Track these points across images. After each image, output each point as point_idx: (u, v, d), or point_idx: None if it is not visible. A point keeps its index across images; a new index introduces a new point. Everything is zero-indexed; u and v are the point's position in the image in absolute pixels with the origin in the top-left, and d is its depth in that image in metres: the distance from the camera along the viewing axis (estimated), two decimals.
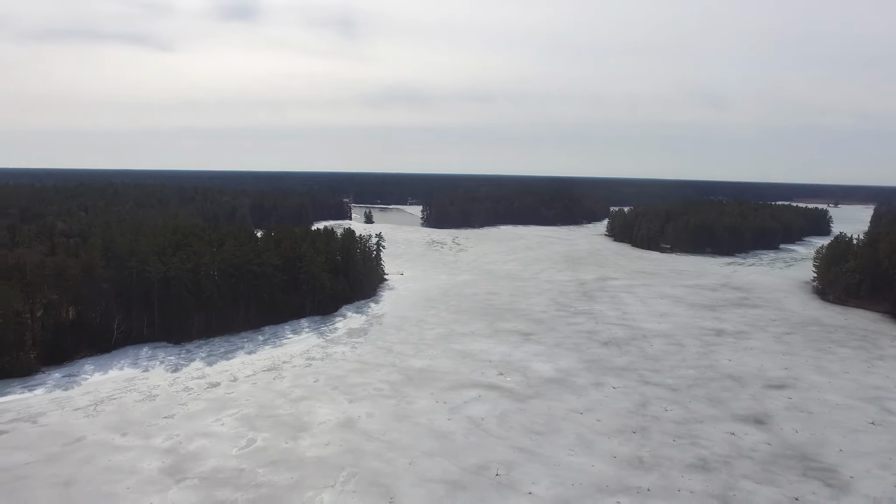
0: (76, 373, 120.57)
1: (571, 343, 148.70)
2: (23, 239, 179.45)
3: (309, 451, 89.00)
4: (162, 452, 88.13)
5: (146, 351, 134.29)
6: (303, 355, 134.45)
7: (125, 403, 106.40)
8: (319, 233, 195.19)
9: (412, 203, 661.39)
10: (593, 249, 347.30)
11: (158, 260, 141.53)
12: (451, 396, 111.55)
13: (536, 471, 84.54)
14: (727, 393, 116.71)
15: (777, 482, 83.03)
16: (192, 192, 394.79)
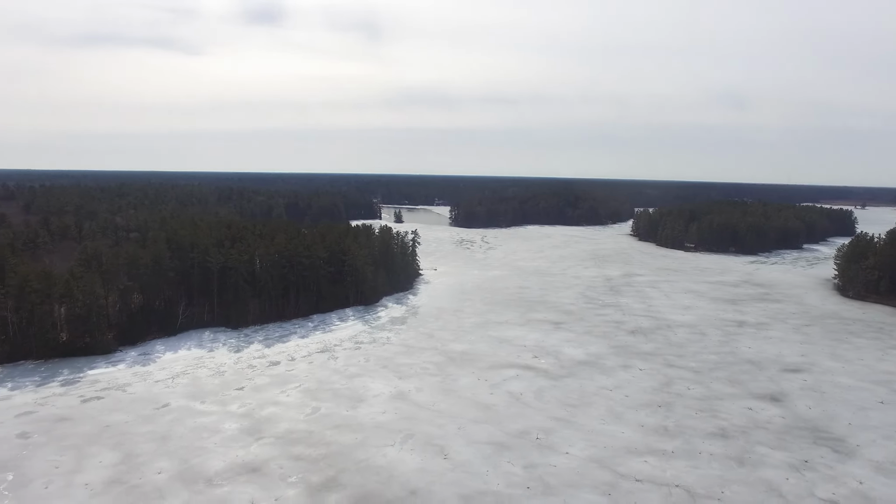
0: (149, 352, 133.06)
1: (600, 331, 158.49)
2: (88, 233, 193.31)
3: (368, 418, 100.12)
4: (239, 416, 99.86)
5: (208, 334, 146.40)
6: (351, 339, 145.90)
7: (198, 377, 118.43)
8: (359, 229, 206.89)
9: (439, 203, 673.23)
10: (618, 248, 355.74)
11: (217, 251, 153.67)
12: (491, 375, 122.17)
13: (572, 436, 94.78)
14: (746, 375, 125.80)
15: (789, 448, 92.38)
16: (229, 192, 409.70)
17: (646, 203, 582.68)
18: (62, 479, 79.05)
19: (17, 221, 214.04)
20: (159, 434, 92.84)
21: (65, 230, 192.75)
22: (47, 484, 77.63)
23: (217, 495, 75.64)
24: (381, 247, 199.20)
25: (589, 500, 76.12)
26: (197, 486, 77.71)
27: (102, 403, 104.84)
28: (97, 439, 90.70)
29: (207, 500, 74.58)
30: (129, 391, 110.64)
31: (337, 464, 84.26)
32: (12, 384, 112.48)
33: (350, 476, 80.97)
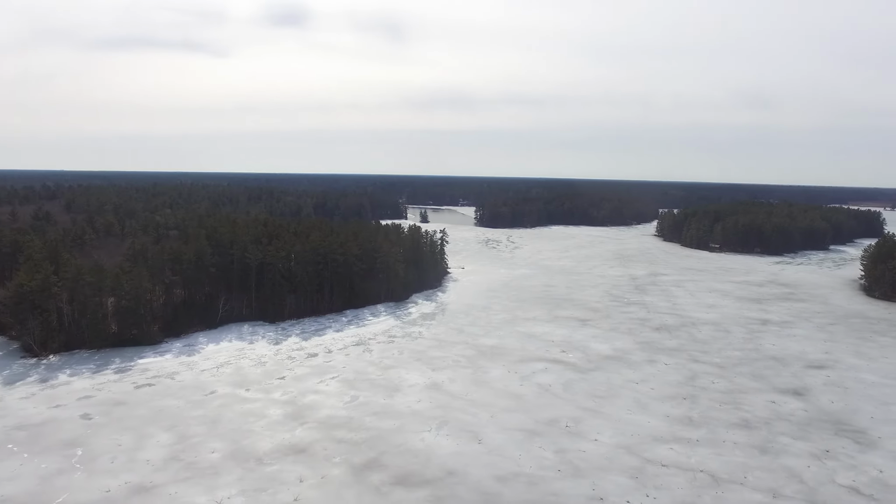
0: (193, 343, 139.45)
1: (626, 328, 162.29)
2: (130, 231, 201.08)
3: (404, 406, 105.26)
4: (282, 403, 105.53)
5: (247, 328, 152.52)
6: (385, 333, 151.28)
7: (241, 367, 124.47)
8: (389, 228, 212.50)
9: (463, 204, 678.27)
10: (643, 248, 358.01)
11: (256, 248, 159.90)
12: (521, 368, 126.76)
13: (600, 424, 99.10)
14: (770, 371, 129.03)
15: (811, 439, 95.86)
16: (259, 192, 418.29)
17: (670, 204, 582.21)
18: (125, 455, 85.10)
19: (63, 220, 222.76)
20: (209, 418, 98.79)
21: (108, 228, 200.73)
22: (112, 459, 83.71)
23: (268, 472, 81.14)
24: (410, 245, 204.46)
25: (617, 483, 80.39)
26: (248, 465, 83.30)
27: (154, 390, 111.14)
28: (153, 422, 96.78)
29: (259, 476, 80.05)
30: (178, 379, 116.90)
31: (377, 447, 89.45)
32: (70, 371, 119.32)
33: (390, 458, 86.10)
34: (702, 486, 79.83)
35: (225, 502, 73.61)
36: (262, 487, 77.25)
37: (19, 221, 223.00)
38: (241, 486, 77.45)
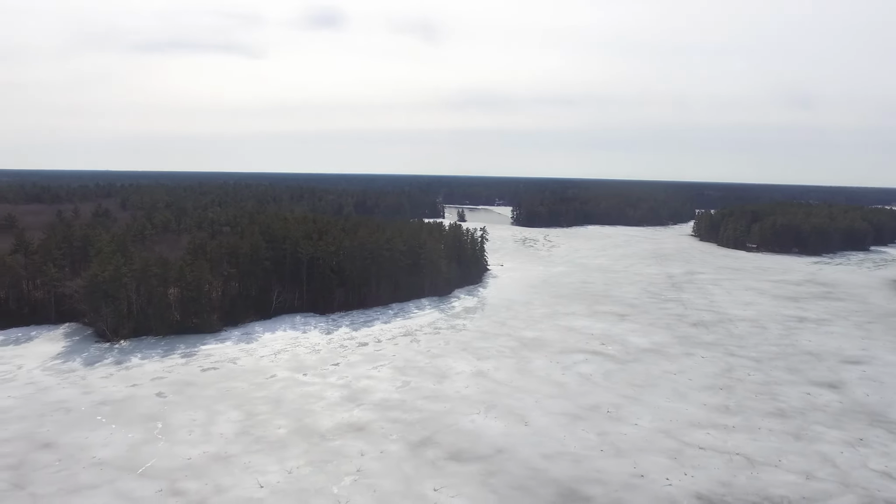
0: (250, 332, 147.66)
1: (663, 323, 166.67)
2: (185, 227, 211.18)
3: (453, 391, 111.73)
4: (339, 387, 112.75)
5: (299, 318, 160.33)
6: (430, 325, 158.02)
7: (297, 354, 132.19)
8: (432, 225, 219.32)
9: (499, 204, 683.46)
10: (680, 248, 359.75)
11: (307, 243, 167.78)
12: (562, 358, 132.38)
13: (640, 411, 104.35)
14: (805, 365, 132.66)
15: (845, 428, 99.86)
16: (301, 191, 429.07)
17: (706, 205, 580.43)
18: (200, 429, 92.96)
19: (122, 217, 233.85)
20: (272, 398, 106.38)
21: (166, 224, 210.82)
22: (189, 432, 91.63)
23: (331, 447, 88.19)
24: (452, 242, 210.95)
25: (657, 462, 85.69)
26: (313, 440, 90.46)
27: (219, 373, 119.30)
28: (221, 400, 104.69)
29: (324, 450, 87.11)
30: (239, 364, 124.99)
31: (430, 426, 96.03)
32: (141, 355, 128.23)
33: (443, 436, 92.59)
34: (737, 468, 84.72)
35: (294, 471, 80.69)
36: (326, 460, 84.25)
37: (81, 218, 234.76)
38: (307, 458, 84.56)
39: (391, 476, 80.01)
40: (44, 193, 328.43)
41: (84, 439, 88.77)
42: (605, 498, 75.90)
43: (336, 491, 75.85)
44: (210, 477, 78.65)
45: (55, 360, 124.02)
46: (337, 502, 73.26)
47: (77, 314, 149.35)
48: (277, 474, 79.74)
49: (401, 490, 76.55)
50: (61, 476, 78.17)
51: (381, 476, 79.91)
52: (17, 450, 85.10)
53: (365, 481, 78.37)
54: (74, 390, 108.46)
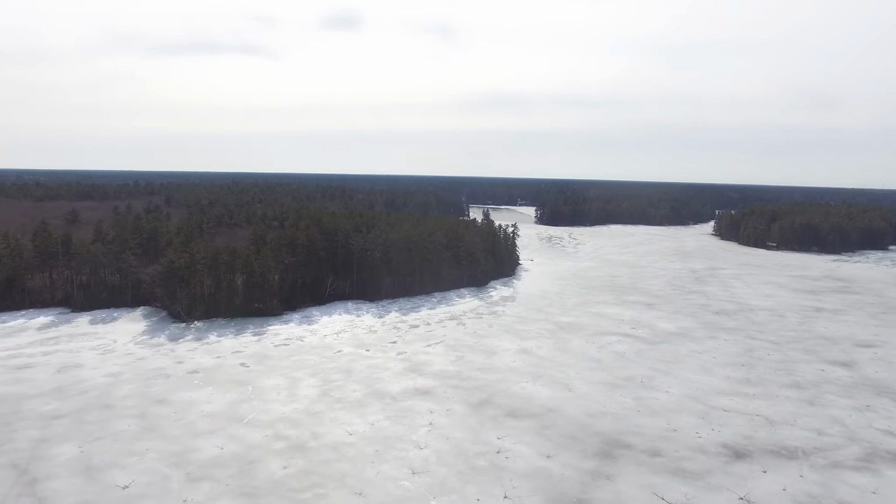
0: (309, 315, 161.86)
1: (688, 311, 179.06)
2: (236, 221, 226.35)
3: (502, 364, 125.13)
4: (400, 360, 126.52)
5: (351, 304, 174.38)
6: (473, 311, 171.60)
7: (356, 334, 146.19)
8: (469, 220, 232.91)
9: (522, 204, 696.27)
10: (701, 246, 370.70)
11: (357, 236, 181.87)
12: (597, 339, 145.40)
13: (670, 381, 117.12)
14: (820, 347, 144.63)
15: (854, 397, 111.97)
16: (332, 190, 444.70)
17: (726, 206, 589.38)
18: (286, 392, 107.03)
19: (172, 212, 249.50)
20: (343, 369, 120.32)
21: (219, 218, 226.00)
22: (278, 394, 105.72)
23: (403, 406, 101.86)
24: (486, 237, 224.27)
25: (687, 421, 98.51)
26: (385, 401, 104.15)
27: (289, 349, 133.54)
28: (298, 370, 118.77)
29: (397, 409, 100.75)
30: (306, 341, 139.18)
31: (486, 391, 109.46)
32: (216, 333, 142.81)
33: (499, 399, 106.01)
34: (758, 426, 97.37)
35: (375, 424, 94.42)
36: (401, 416, 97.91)
37: (134, 213, 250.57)
38: (384, 414, 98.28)
39: (459, 428, 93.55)
40: (94, 191, 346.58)
41: (190, 397, 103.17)
42: (644, 446, 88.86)
43: (414, 438, 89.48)
44: (305, 427, 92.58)
45: (143, 336, 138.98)
46: (417, 446, 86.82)
47: (151, 298, 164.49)
48: (361, 426, 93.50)
49: (470, 438, 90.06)
50: (182, 423, 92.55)
51: (451, 428, 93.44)
52: (138, 404, 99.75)
53: (437, 431, 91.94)
54: (168, 360, 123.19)
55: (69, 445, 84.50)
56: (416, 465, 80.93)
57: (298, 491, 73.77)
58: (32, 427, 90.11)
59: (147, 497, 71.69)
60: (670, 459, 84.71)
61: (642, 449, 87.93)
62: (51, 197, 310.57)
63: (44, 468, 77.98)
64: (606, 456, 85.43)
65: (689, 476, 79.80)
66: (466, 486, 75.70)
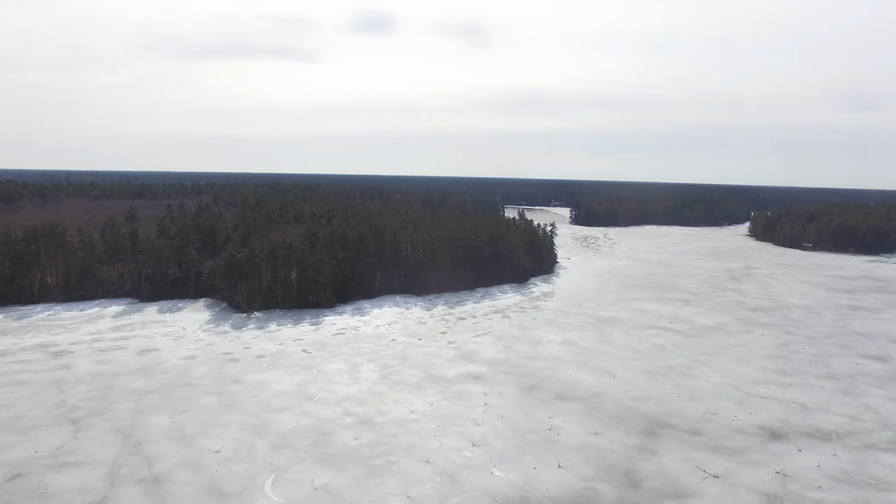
0: (360, 307, 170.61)
1: (724, 308, 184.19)
2: (286, 219, 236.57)
3: (547, 353, 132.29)
4: (451, 349, 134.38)
5: (399, 298, 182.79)
6: (516, 306, 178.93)
7: (407, 325, 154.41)
8: (507, 219, 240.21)
9: (556, 204, 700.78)
10: (736, 246, 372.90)
11: (404, 233, 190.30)
12: (637, 332, 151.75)
13: (708, 371, 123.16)
14: (856, 343, 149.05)
15: (888, 388, 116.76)
16: (370, 190, 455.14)
17: (762, 208, 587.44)
18: (348, 375, 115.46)
19: (222, 210, 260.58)
20: (398, 356, 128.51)
21: (270, 216, 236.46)
22: (341, 376, 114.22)
23: (458, 389, 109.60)
24: (526, 235, 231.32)
25: (726, 406, 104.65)
26: (441, 384, 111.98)
27: (346, 337, 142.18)
28: (357, 356, 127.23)
29: (452, 391, 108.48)
30: (361, 331, 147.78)
31: (535, 377, 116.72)
32: (276, 323, 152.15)
33: (547, 384, 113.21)
34: (794, 411, 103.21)
35: (435, 403, 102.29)
36: (457, 397, 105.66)
37: (186, 211, 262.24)
38: (442, 395, 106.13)
39: (512, 408, 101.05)
40: (146, 190, 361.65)
41: (261, 378, 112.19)
42: (686, 427, 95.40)
43: (472, 416, 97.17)
44: (370, 405, 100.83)
45: (209, 325, 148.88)
46: (475, 423, 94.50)
47: (211, 290, 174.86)
48: (422, 405, 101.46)
49: (522, 416, 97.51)
50: (258, 400, 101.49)
51: (504, 408, 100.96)
52: (215, 383, 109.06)
53: (492, 411, 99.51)
54: (235, 346, 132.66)
55: (161, 416, 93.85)
56: (475, 438, 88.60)
57: (371, 458, 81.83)
58: (127, 400, 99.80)
59: (237, 460, 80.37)
60: (710, 438, 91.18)
61: (684, 429, 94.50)
62: (106, 196, 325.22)
63: (144, 434, 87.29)
64: (650, 434, 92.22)
65: (728, 452, 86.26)
66: (523, 457, 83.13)
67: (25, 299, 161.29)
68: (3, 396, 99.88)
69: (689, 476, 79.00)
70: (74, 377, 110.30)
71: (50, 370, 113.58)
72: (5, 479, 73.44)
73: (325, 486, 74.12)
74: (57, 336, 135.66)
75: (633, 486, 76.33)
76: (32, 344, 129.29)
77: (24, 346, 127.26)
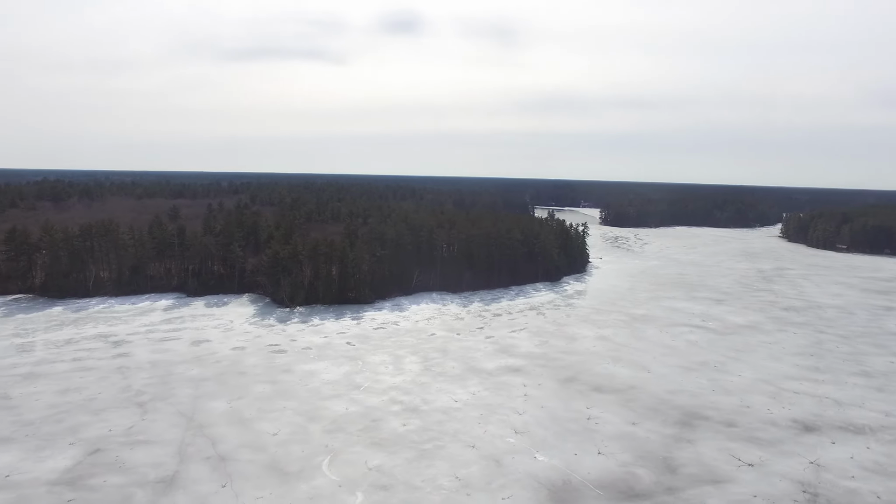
0: (399, 303, 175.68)
1: (756, 307, 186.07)
2: (324, 217, 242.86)
3: (583, 348, 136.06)
4: (489, 343, 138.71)
5: (436, 295, 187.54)
6: (550, 303, 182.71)
7: (445, 320, 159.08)
8: (540, 219, 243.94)
9: (585, 205, 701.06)
10: (768, 247, 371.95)
11: (440, 231, 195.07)
12: (670, 329, 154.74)
13: (741, 367, 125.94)
14: (890, 342, 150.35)
15: None
16: (402, 190, 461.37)
17: (794, 209, 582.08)
18: (392, 366, 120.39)
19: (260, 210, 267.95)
20: (439, 349, 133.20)
21: (309, 215, 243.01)
22: (385, 367, 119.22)
23: (498, 380, 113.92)
24: (560, 235, 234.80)
25: (759, 400, 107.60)
26: (482, 376, 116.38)
27: (387, 331, 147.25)
28: (399, 349, 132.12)
29: (493, 382, 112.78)
30: (401, 325, 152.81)
31: (572, 370, 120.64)
32: (319, 317, 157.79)
33: (584, 377, 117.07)
34: (826, 406, 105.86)
35: (477, 394, 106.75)
36: (497, 388, 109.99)
37: (226, 210, 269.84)
38: (483, 386, 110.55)
39: (551, 398, 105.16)
40: (185, 190, 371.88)
41: (309, 369, 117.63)
42: (720, 418, 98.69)
43: (513, 405, 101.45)
44: (415, 394, 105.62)
45: (255, 318, 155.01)
46: (516, 412, 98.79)
47: (253, 286, 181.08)
48: (464, 395, 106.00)
49: (562, 406, 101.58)
50: (308, 389, 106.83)
51: (544, 399, 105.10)
52: (266, 372, 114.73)
53: (532, 401, 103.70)
54: (282, 338, 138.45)
55: (219, 402, 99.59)
56: (517, 426, 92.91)
57: (419, 443, 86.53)
58: (186, 387, 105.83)
59: (294, 442, 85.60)
60: (744, 430, 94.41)
61: (718, 420, 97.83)
62: (149, 195, 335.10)
63: (205, 418, 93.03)
64: (686, 425, 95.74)
65: (762, 443, 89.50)
66: (564, 443, 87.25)
67: (81, 293, 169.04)
68: (74, 381, 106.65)
69: (724, 464, 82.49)
70: (135, 364, 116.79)
71: (112, 358, 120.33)
72: (87, 454, 79.55)
73: (378, 466, 78.94)
74: (114, 327, 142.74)
75: (671, 471, 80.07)
76: (93, 334, 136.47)
77: (86, 336, 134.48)
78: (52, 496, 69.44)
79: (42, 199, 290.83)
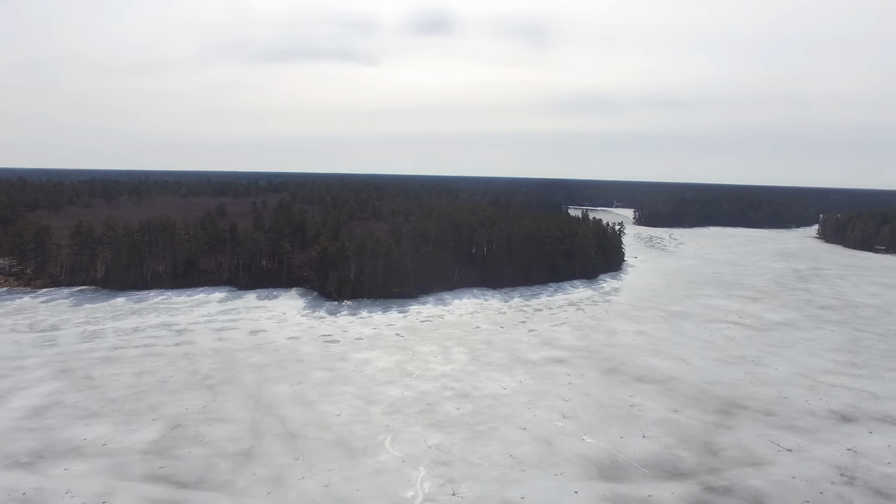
0: (441, 298, 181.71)
1: (793, 305, 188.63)
2: (366, 215, 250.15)
3: (623, 342, 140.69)
4: (532, 336, 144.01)
5: (476, 290, 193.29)
6: (588, 299, 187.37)
7: (488, 315, 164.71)
8: (577, 218, 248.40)
9: (618, 206, 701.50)
10: (804, 248, 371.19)
11: (482, 229, 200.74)
12: (708, 325, 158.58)
13: (778, 361, 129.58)
14: None
15: None
16: (438, 190, 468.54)
17: (831, 210, 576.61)
18: (440, 356, 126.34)
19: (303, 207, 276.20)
20: (484, 341, 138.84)
21: (352, 213, 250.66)
22: (435, 357, 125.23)
23: (543, 370, 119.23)
24: (597, 233, 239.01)
25: (797, 392, 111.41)
26: (526, 367, 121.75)
27: (433, 324, 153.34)
28: (446, 340, 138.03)
29: (538, 372, 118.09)
30: (446, 319, 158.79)
31: (613, 361, 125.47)
32: (366, 310, 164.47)
33: (625, 367, 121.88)
34: (863, 399, 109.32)
35: (523, 382, 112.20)
36: (543, 377, 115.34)
37: (270, 208, 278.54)
38: (529, 375, 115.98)
39: (595, 387, 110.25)
40: (228, 188, 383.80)
41: (363, 357, 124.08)
42: (758, 408, 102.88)
43: (558, 392, 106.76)
44: (465, 381, 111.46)
45: (306, 310, 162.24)
46: (562, 398, 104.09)
47: (301, 280, 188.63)
48: (512, 382, 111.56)
49: (605, 394, 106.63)
50: (363, 375, 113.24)
51: (588, 387, 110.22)
52: (323, 360, 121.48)
53: (577, 389, 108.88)
54: (333, 329, 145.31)
55: (282, 386, 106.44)
56: (564, 411, 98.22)
57: (473, 425, 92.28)
58: (250, 372, 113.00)
59: (357, 422, 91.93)
60: (783, 419, 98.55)
61: (757, 409, 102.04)
62: (193, 193, 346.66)
63: (271, 400, 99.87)
64: (725, 413, 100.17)
65: (800, 431, 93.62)
66: (610, 427, 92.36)
67: (140, 285, 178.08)
68: (146, 364, 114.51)
69: (763, 448, 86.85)
70: (199, 351, 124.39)
71: (178, 344, 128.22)
72: (169, 428, 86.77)
73: (437, 444, 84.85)
74: (175, 317, 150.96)
75: (713, 454, 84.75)
76: (157, 323, 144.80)
77: (151, 325, 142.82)
78: (145, 463, 76.59)
79: (95, 196, 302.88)
